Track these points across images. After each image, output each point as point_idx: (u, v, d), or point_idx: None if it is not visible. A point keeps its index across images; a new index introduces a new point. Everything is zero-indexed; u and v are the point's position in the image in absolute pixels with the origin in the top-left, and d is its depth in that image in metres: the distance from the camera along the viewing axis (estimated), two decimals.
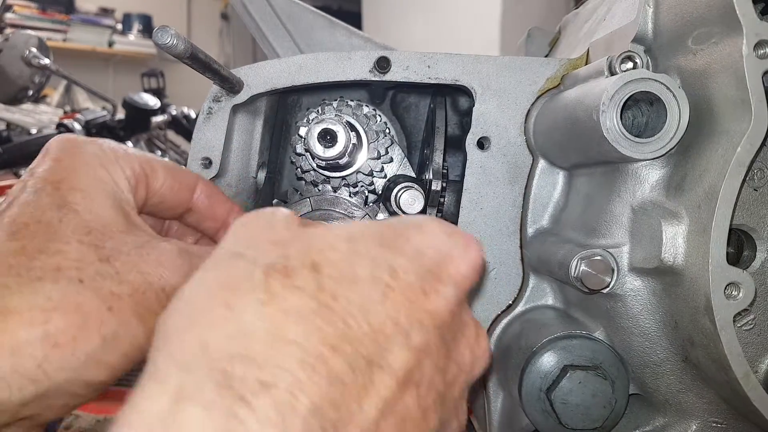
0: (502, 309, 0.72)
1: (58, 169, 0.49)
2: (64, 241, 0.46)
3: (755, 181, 0.57)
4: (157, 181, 0.56)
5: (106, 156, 0.52)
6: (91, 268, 0.45)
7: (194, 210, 0.60)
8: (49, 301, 0.43)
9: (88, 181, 0.50)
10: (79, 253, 0.45)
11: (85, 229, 0.47)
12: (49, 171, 0.49)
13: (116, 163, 0.52)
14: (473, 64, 0.70)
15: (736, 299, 0.50)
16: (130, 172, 0.53)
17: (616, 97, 0.55)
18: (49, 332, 0.42)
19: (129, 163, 0.53)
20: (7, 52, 2.06)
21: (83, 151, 0.51)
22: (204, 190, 0.61)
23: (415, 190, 0.71)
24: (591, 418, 0.59)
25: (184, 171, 0.60)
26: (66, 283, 0.44)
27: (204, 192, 0.61)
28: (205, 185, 0.61)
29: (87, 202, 0.48)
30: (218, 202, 0.62)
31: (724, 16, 0.51)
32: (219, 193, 0.62)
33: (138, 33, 6.44)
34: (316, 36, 0.84)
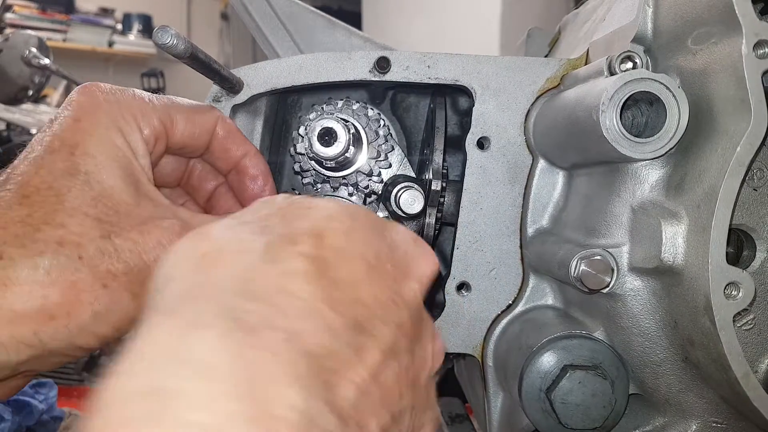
0: (502, 309, 0.72)
1: (75, 130, 0.51)
2: (69, 213, 0.48)
3: (755, 180, 0.57)
4: (177, 131, 0.57)
5: (124, 118, 0.53)
6: (92, 246, 0.48)
7: (210, 150, 0.62)
8: (47, 276, 0.46)
9: (102, 147, 0.51)
10: (81, 228, 0.48)
11: (92, 200, 0.49)
12: (66, 131, 0.51)
13: (135, 123, 0.54)
14: (473, 64, 0.70)
15: (736, 299, 0.50)
16: (148, 130, 0.54)
17: (615, 97, 0.55)
18: (45, 306, 0.45)
19: (148, 121, 0.54)
20: (7, 52, 2.07)
21: (101, 112, 0.52)
22: (222, 130, 0.62)
23: (415, 190, 0.71)
24: (591, 417, 0.59)
25: (203, 113, 0.60)
26: (65, 259, 0.46)
27: (222, 133, 0.62)
28: (224, 125, 0.62)
29: (98, 172, 0.50)
30: (233, 144, 0.63)
31: (723, 16, 0.51)
32: (237, 135, 0.63)
33: (138, 33, 6.43)
34: (316, 36, 0.84)
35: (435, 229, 0.73)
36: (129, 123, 0.53)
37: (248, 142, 0.64)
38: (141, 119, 0.54)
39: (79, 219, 0.48)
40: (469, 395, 0.89)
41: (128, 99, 0.55)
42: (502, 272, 0.72)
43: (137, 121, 0.54)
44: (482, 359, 0.73)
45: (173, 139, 0.57)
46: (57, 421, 1.51)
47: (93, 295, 0.47)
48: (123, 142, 0.52)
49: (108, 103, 0.53)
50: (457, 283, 0.72)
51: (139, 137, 0.54)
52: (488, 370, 0.72)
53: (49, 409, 1.49)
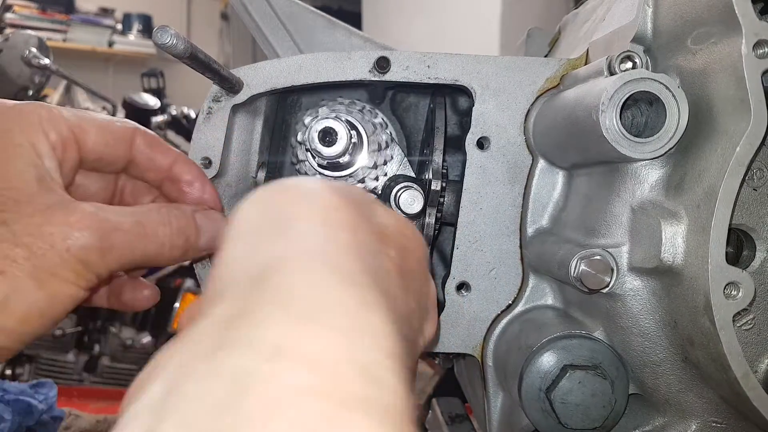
0: (501, 309, 0.72)
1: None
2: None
3: (755, 180, 0.57)
4: (89, 139, 0.55)
5: (28, 122, 0.51)
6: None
7: (135, 163, 0.59)
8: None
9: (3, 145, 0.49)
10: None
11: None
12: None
13: (39, 128, 0.51)
14: (473, 64, 0.70)
15: (736, 299, 0.50)
16: (55, 136, 0.52)
17: (615, 96, 0.55)
18: None
19: (54, 126, 0.52)
20: (7, 52, 2.07)
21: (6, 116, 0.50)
22: (143, 142, 0.59)
23: (415, 190, 0.71)
24: (591, 417, 0.59)
25: (119, 124, 0.58)
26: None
27: (143, 142, 0.59)
28: (144, 136, 0.59)
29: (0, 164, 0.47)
30: (159, 152, 0.60)
31: (723, 16, 0.51)
32: (160, 143, 0.60)
33: (138, 33, 6.43)
34: (316, 36, 0.84)
35: (435, 229, 0.73)
36: (33, 126, 0.51)
37: (174, 150, 0.62)
38: (46, 124, 0.52)
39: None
40: (469, 395, 0.89)
41: (34, 107, 0.53)
42: (501, 272, 0.72)
43: (42, 125, 0.51)
44: (482, 359, 0.73)
45: (86, 146, 0.54)
46: (57, 421, 1.51)
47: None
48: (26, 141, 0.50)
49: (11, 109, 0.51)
50: (457, 283, 0.72)
51: (45, 140, 0.51)
52: (488, 370, 0.72)
53: (49, 409, 1.49)
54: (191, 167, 0.62)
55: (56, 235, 0.46)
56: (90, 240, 0.47)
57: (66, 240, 0.46)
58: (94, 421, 1.44)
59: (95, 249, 0.48)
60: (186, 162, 0.62)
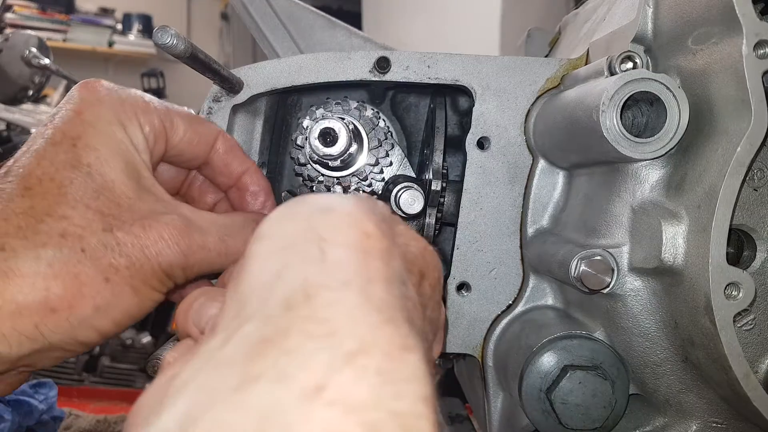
0: (502, 309, 0.72)
1: (77, 122, 0.51)
2: (71, 205, 0.47)
3: (755, 181, 0.57)
4: (176, 135, 0.57)
5: (126, 113, 0.53)
6: (94, 238, 0.47)
7: (210, 164, 0.61)
8: (50, 268, 0.45)
9: (104, 140, 0.51)
10: (84, 220, 0.47)
11: (94, 193, 0.49)
12: (68, 124, 0.51)
13: (136, 119, 0.53)
14: (473, 64, 0.70)
15: (736, 299, 0.50)
16: (149, 128, 0.54)
17: (615, 97, 0.55)
18: (47, 298, 0.45)
19: (149, 118, 0.54)
20: (7, 52, 2.06)
21: (104, 106, 0.52)
22: (223, 145, 0.61)
23: (415, 190, 0.71)
24: (591, 418, 0.59)
25: (205, 124, 0.60)
26: (68, 252, 0.46)
27: (222, 147, 0.61)
28: (225, 141, 0.61)
29: (100, 164, 0.50)
30: (235, 160, 0.62)
31: (723, 16, 0.51)
32: (238, 151, 0.63)
33: (138, 33, 6.43)
34: (316, 36, 0.84)
35: (435, 229, 0.73)
36: (130, 118, 0.53)
37: (249, 159, 0.64)
38: (142, 116, 0.54)
39: (81, 211, 0.48)
40: (469, 395, 0.89)
41: (130, 95, 0.54)
42: (502, 272, 0.72)
43: (138, 117, 0.54)
44: (482, 359, 0.72)
45: (172, 142, 0.57)
46: (57, 421, 1.51)
47: (95, 289, 0.47)
48: (124, 135, 0.52)
49: (110, 98, 0.53)
50: (457, 283, 0.72)
51: (140, 132, 0.53)
52: (488, 370, 0.72)
53: (49, 409, 1.49)
54: (260, 179, 0.64)
55: (151, 248, 0.49)
56: (178, 258, 0.51)
57: (159, 256, 0.50)
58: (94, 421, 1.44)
59: (180, 265, 0.51)
60: (256, 172, 0.64)
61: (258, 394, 0.24)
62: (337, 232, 0.33)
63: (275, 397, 0.24)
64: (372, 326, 0.28)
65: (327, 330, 0.27)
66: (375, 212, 0.37)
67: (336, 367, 0.25)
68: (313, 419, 0.23)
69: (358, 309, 0.29)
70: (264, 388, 0.24)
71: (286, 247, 0.33)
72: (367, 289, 0.30)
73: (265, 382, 0.25)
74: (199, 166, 0.62)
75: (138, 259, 0.49)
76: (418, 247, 0.42)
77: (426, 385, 0.27)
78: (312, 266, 0.31)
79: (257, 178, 0.64)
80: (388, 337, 0.27)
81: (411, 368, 0.27)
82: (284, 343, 0.26)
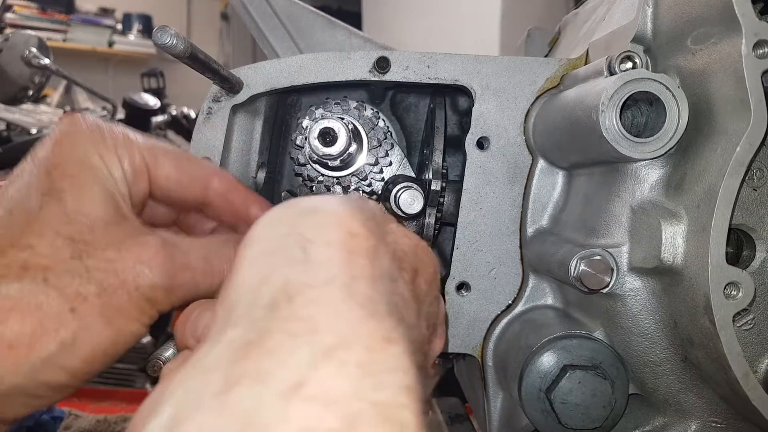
0: (501, 309, 0.72)
1: (55, 152, 0.48)
2: (39, 233, 0.44)
3: (754, 180, 0.57)
4: (161, 173, 0.53)
5: (105, 143, 0.50)
6: (60, 266, 0.44)
7: (211, 206, 0.57)
8: (7, 299, 0.42)
9: (80, 167, 0.48)
10: (50, 249, 0.44)
11: (65, 218, 0.45)
12: (47, 154, 0.48)
13: (114, 151, 0.50)
14: (473, 64, 0.70)
15: (736, 299, 0.50)
16: (128, 162, 0.51)
17: (615, 96, 0.55)
18: (3, 334, 0.41)
19: (129, 152, 0.51)
20: (7, 52, 2.06)
21: (82, 135, 0.49)
22: (220, 185, 0.57)
23: (415, 190, 0.71)
24: (591, 417, 0.59)
25: (195, 164, 0.56)
26: (29, 282, 0.43)
27: (221, 186, 0.57)
28: (222, 179, 0.57)
29: (73, 189, 0.47)
30: (237, 197, 0.58)
31: (723, 16, 0.51)
32: (237, 188, 0.58)
33: (138, 33, 6.43)
34: (316, 36, 0.84)
35: (435, 229, 0.73)
36: (109, 149, 0.50)
37: (249, 191, 0.60)
38: (121, 149, 0.51)
39: (49, 239, 0.44)
40: (469, 395, 0.89)
41: (112, 129, 0.51)
42: (501, 272, 0.72)
43: (117, 149, 0.50)
44: (482, 359, 0.73)
45: (157, 181, 0.53)
46: (57, 421, 1.50)
47: (58, 321, 0.43)
48: (101, 164, 0.49)
49: (90, 129, 0.50)
50: (457, 283, 0.72)
51: (119, 165, 0.50)
52: (488, 370, 0.72)
53: (49, 409, 1.49)
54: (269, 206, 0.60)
55: (127, 272, 0.45)
56: (159, 279, 0.47)
57: (136, 278, 0.46)
58: (94, 421, 1.43)
59: (162, 288, 0.47)
60: (262, 204, 0.60)
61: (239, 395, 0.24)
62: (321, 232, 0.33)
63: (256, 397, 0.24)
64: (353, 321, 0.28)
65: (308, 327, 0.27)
66: (363, 211, 0.37)
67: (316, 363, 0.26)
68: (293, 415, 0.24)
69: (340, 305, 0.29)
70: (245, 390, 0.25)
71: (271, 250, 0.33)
72: (350, 285, 0.30)
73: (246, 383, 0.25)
74: (196, 207, 0.58)
75: (110, 285, 0.45)
76: (409, 244, 0.41)
77: (409, 376, 0.27)
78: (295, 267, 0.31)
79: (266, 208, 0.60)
80: (370, 331, 0.28)
81: (392, 360, 0.27)
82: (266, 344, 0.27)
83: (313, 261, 0.31)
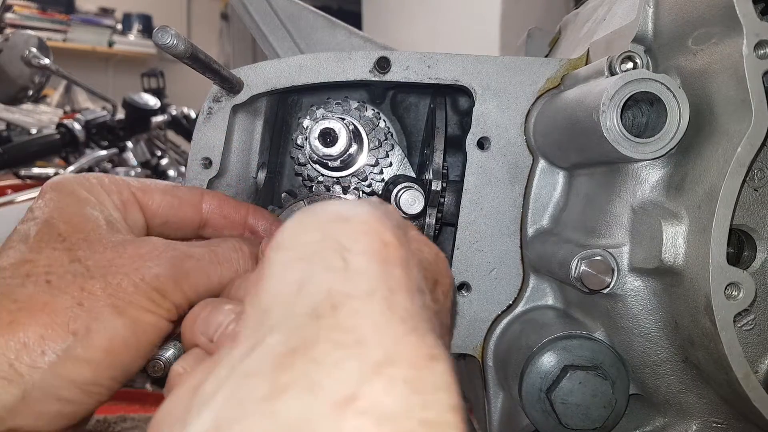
0: (502, 309, 0.72)
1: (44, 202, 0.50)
2: (36, 250, 0.46)
3: (755, 181, 0.57)
4: (152, 202, 0.55)
5: (91, 185, 0.52)
6: (61, 269, 0.45)
7: (208, 224, 0.59)
8: (14, 303, 0.43)
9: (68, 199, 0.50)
10: (49, 259, 0.45)
11: (59, 238, 0.47)
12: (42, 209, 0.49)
13: (101, 190, 0.52)
14: (473, 64, 0.70)
15: (737, 299, 0.50)
16: (117, 197, 0.53)
17: (616, 97, 0.55)
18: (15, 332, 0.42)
19: (117, 189, 0.53)
20: (7, 52, 2.06)
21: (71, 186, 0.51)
22: (212, 202, 0.59)
23: (415, 190, 0.71)
24: (591, 418, 0.59)
25: (183, 188, 0.59)
26: (32, 286, 0.44)
27: (213, 204, 0.59)
28: (212, 197, 0.60)
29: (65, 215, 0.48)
30: (231, 210, 0.60)
31: (724, 16, 0.51)
32: (228, 201, 0.61)
33: (138, 33, 6.44)
34: (316, 36, 0.84)
35: (435, 229, 0.73)
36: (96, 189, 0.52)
37: (242, 202, 0.62)
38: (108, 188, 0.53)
39: (46, 253, 0.46)
40: (469, 395, 0.89)
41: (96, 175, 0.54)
42: (502, 272, 0.72)
43: (104, 188, 0.52)
44: (482, 359, 0.72)
45: (151, 209, 0.55)
46: None
47: (67, 315, 0.44)
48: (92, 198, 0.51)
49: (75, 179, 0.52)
50: (458, 284, 0.72)
51: (109, 200, 0.52)
52: (488, 370, 0.72)
53: None
54: (264, 214, 0.63)
55: (128, 266, 0.46)
56: (162, 268, 0.47)
57: (139, 270, 0.47)
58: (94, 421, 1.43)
59: (169, 277, 0.48)
60: (258, 211, 0.62)
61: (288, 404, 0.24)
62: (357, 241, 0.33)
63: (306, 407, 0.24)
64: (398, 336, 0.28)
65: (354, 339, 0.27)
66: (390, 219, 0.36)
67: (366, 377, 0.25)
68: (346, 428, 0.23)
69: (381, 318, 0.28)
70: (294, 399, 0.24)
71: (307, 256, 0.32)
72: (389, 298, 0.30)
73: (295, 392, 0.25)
74: (196, 231, 0.60)
75: (114, 278, 0.46)
76: (431, 253, 0.41)
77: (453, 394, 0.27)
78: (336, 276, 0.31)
79: (261, 214, 0.62)
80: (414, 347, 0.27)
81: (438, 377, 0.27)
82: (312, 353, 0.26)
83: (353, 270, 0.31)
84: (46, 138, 2.30)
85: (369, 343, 0.27)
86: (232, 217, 0.60)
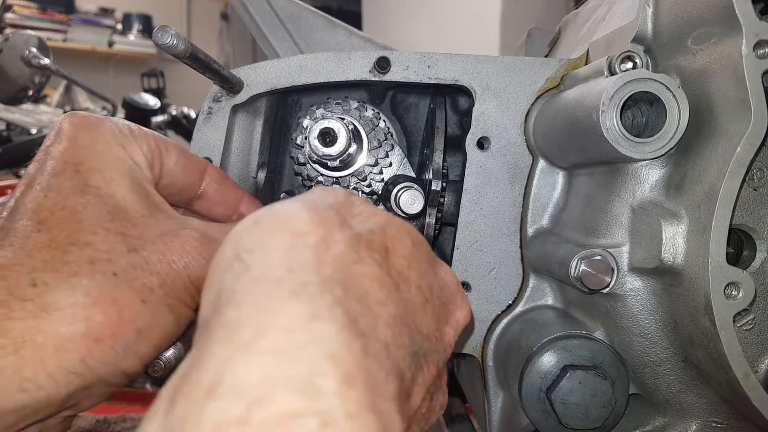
0: (502, 309, 0.72)
1: (75, 149, 0.49)
2: (91, 230, 0.46)
3: (755, 181, 0.57)
4: (170, 159, 0.56)
5: (122, 133, 0.52)
6: (123, 260, 0.46)
7: (204, 196, 0.60)
8: (87, 297, 0.44)
9: (107, 161, 0.49)
10: (107, 244, 0.46)
11: (108, 215, 0.47)
12: (66, 152, 0.49)
13: (133, 139, 0.52)
14: (473, 64, 0.70)
15: (736, 299, 0.50)
16: (146, 148, 0.53)
17: (615, 97, 0.55)
18: (91, 328, 0.43)
19: (145, 139, 0.53)
20: (7, 52, 2.06)
21: (99, 129, 0.51)
22: (213, 176, 0.60)
23: (415, 190, 0.71)
24: (591, 418, 0.59)
25: (192, 154, 0.59)
26: (101, 278, 0.45)
27: (213, 177, 0.60)
28: (215, 171, 0.60)
29: (107, 185, 0.48)
30: (228, 188, 0.61)
31: (723, 16, 0.51)
32: (228, 180, 0.62)
33: (138, 33, 6.44)
34: (316, 36, 0.84)
35: (435, 229, 0.73)
36: (126, 137, 0.52)
37: (240, 188, 0.63)
38: (138, 138, 0.53)
39: (102, 235, 0.46)
40: (469, 395, 0.89)
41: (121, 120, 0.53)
42: (502, 272, 0.72)
43: (135, 137, 0.52)
44: (482, 359, 0.73)
45: (167, 165, 0.55)
46: None
47: (134, 312, 0.45)
48: (125, 154, 0.51)
49: (101, 123, 0.51)
50: None
51: (140, 151, 0.52)
52: (488, 370, 0.72)
53: None
54: (257, 205, 0.63)
55: (178, 263, 0.48)
56: (205, 269, 0.49)
57: (187, 269, 0.49)
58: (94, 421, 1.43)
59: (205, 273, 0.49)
60: (252, 200, 0.63)
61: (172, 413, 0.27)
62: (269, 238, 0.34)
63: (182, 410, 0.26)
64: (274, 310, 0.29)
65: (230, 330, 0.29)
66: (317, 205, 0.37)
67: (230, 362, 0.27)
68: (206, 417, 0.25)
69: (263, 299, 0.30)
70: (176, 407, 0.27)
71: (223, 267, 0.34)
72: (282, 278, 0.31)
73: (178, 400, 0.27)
74: (190, 199, 0.60)
75: (168, 276, 0.48)
76: (377, 222, 0.41)
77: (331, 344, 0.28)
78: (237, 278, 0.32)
79: (254, 204, 0.63)
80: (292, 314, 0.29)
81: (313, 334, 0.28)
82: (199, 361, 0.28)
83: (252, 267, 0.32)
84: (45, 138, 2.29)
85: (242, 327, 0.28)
86: (227, 195, 0.61)
